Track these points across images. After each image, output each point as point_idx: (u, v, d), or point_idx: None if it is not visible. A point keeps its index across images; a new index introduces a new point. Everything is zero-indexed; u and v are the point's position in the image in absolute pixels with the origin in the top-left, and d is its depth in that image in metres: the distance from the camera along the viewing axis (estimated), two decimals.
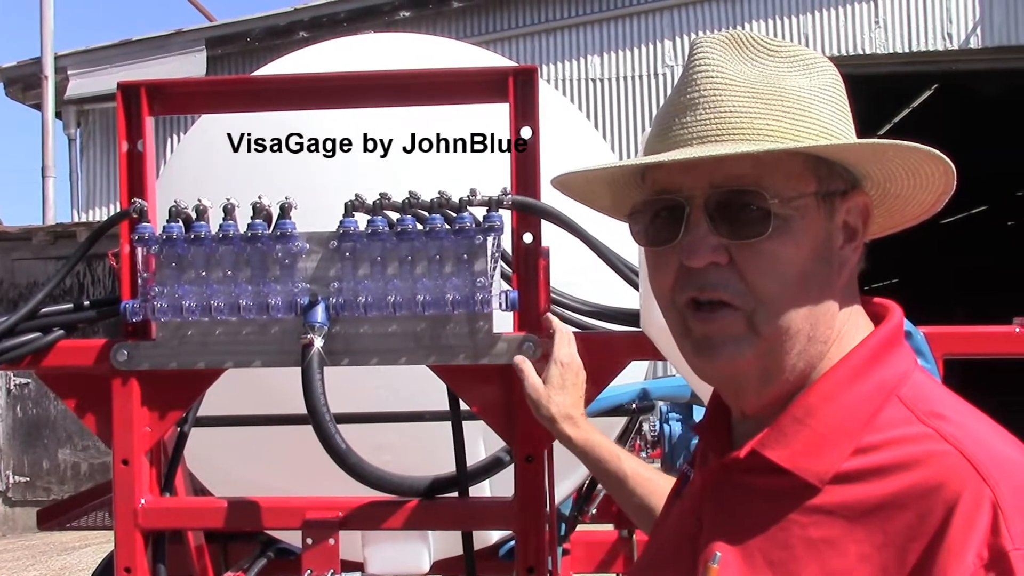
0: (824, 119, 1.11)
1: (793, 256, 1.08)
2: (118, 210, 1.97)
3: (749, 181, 1.07)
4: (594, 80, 12.49)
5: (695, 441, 3.44)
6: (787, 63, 1.13)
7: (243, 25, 12.57)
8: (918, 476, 1.01)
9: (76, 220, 12.45)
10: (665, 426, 3.50)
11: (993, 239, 22.34)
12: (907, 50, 12.43)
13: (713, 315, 1.09)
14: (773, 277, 1.07)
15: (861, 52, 12.37)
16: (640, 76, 12.50)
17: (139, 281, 1.93)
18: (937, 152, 1.09)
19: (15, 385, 11.00)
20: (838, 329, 1.13)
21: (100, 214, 12.71)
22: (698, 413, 3.44)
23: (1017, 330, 1.87)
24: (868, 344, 1.12)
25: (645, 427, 3.89)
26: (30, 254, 11.13)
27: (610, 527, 3.73)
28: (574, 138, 2.88)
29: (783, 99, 1.09)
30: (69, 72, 12.53)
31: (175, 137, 11.61)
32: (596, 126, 11.76)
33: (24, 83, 12.93)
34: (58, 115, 12.80)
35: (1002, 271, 21.07)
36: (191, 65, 12.17)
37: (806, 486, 1.06)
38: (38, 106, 12.66)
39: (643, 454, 4.24)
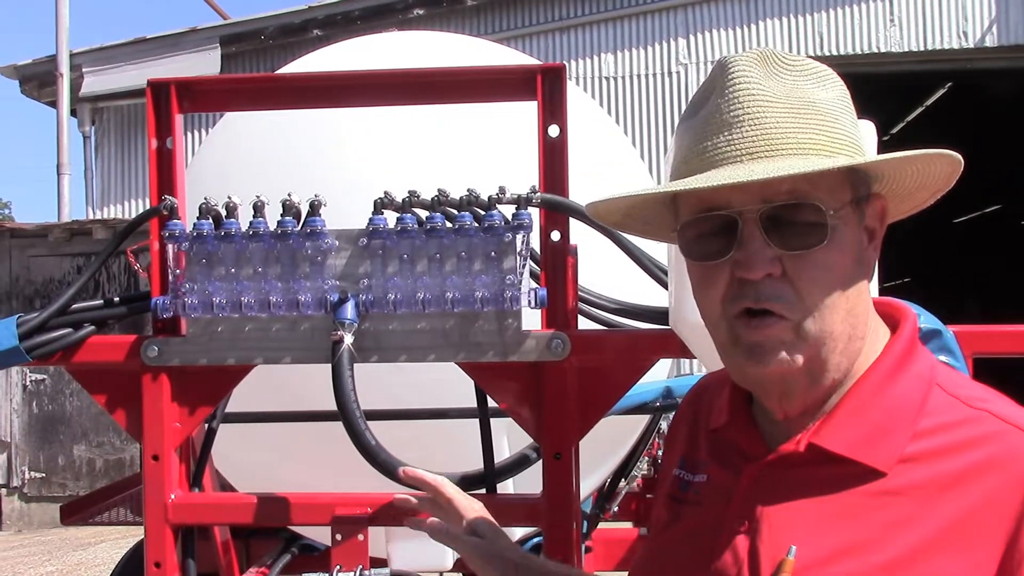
0: (848, 129, 1.16)
1: (841, 263, 1.13)
2: (144, 207, 1.98)
3: (802, 195, 1.11)
4: (607, 78, 12.47)
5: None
6: (804, 77, 1.17)
7: (257, 23, 12.59)
8: (985, 452, 1.09)
9: (91, 217, 12.49)
10: None
11: (1006, 238, 22.24)
12: (922, 48, 12.37)
13: (764, 322, 1.13)
14: (824, 285, 1.12)
15: (876, 50, 12.32)
16: (654, 74, 12.48)
17: (169, 277, 1.94)
18: (958, 157, 1.14)
19: (31, 381, 11.06)
20: (870, 327, 1.19)
21: (114, 211, 12.74)
22: None
23: None
24: (901, 339, 1.19)
25: (664, 425, 3.88)
26: (46, 251, 11.18)
27: (628, 525, 3.74)
28: (600, 137, 2.88)
29: (815, 113, 1.13)
30: (84, 70, 12.57)
31: (190, 135, 11.65)
32: None
33: (39, 81, 12.98)
34: (73, 112, 12.84)
35: (1016, 270, 20.99)
36: (205, 63, 12.20)
37: (870, 472, 1.11)
38: (53, 103, 12.70)
39: (661, 452, 4.24)
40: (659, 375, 2.91)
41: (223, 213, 1.92)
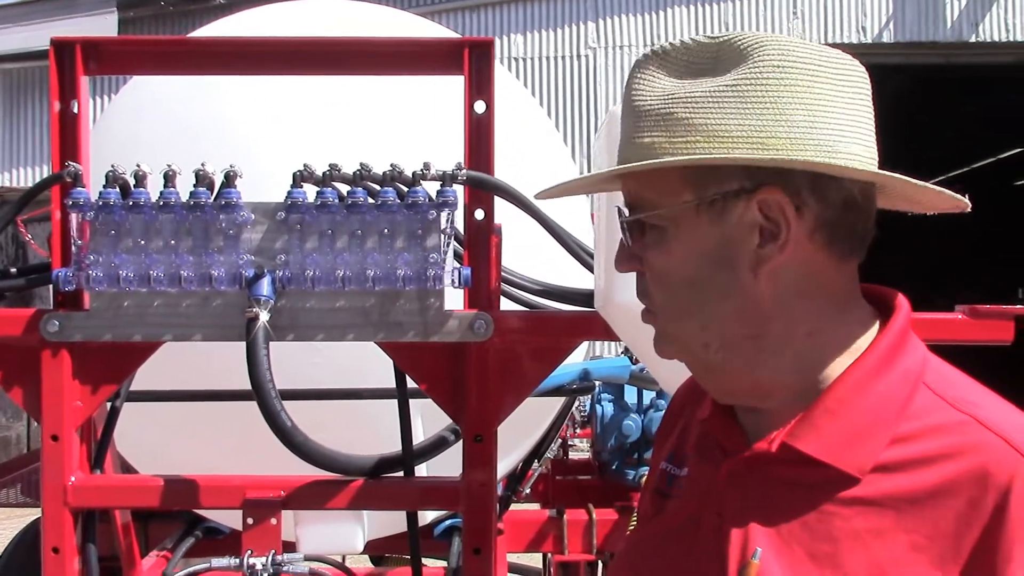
0: (714, 123, 1.04)
1: (670, 265, 1.11)
2: (34, 175, 1.88)
3: (635, 197, 1.14)
4: (516, 59, 12.44)
5: (626, 423, 3.36)
6: (699, 64, 1.09)
7: None
8: (965, 464, 1.01)
9: None
10: (597, 407, 3.51)
11: (897, 234, 22.98)
12: (823, 41, 12.67)
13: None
14: (660, 286, 1.13)
15: None
16: (563, 57, 12.49)
17: (72, 249, 1.84)
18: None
19: None
20: (843, 319, 1.10)
21: (1, 180, 12.22)
22: (630, 393, 3.45)
23: (960, 316, 1.90)
24: (890, 332, 1.10)
25: (573, 407, 3.90)
26: None
27: (537, 506, 3.74)
28: (523, 117, 2.84)
29: (667, 115, 1.07)
30: None
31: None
32: None
33: None
34: None
35: (896, 265, 21.73)
36: (101, 27, 11.72)
37: (844, 478, 1.05)
38: None
39: (572, 431, 4.28)
40: (576, 357, 2.91)
41: (131, 182, 1.83)
